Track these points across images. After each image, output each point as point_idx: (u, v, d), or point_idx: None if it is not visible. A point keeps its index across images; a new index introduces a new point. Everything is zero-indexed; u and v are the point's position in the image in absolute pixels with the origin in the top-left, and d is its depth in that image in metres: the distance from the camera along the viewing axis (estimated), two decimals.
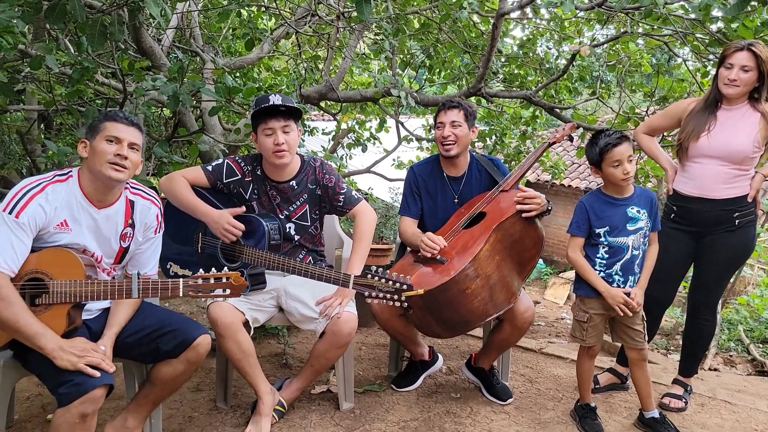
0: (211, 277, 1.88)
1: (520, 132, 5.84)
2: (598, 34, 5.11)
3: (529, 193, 2.49)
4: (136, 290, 1.85)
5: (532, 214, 2.46)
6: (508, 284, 2.47)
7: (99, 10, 2.71)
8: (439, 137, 2.69)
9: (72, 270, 1.87)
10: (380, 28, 4.48)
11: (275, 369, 3.08)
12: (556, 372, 3.20)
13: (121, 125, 1.94)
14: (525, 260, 2.54)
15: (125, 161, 1.91)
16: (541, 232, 2.54)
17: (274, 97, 2.38)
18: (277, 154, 2.38)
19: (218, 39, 5.13)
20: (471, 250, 2.38)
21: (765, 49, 2.42)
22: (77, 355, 1.76)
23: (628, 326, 2.47)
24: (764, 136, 2.47)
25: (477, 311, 2.39)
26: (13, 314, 1.77)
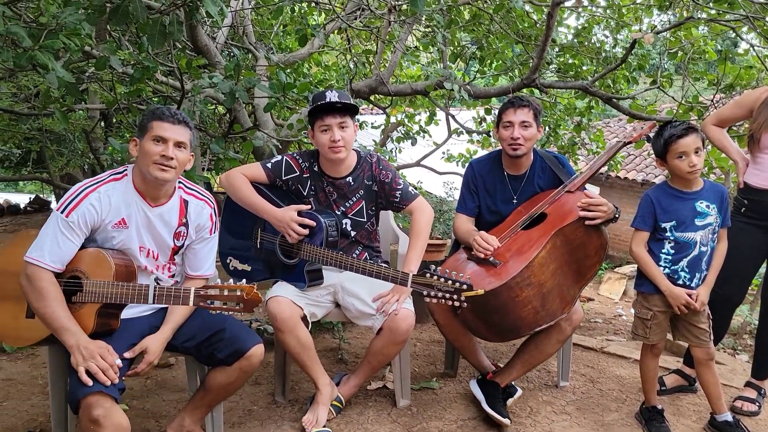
0: (225, 289, 1.84)
1: (574, 123, 5.68)
2: (656, 21, 4.93)
3: (595, 199, 2.35)
4: (151, 296, 1.88)
5: (596, 222, 2.34)
6: (564, 293, 2.35)
7: (158, 11, 2.77)
8: (506, 137, 2.53)
9: (103, 271, 1.91)
10: (431, 20, 4.43)
11: (331, 364, 3.09)
12: (619, 372, 3.11)
13: (167, 124, 1.94)
14: (585, 268, 2.41)
15: (171, 161, 1.93)
16: (605, 239, 2.40)
17: (330, 93, 2.38)
18: (334, 149, 2.38)
19: (269, 36, 5.18)
20: (526, 255, 2.27)
21: None
22: (84, 356, 1.76)
23: (692, 324, 2.38)
24: None
25: (527, 319, 2.29)
26: (42, 306, 1.83)
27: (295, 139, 4.08)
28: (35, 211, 9.59)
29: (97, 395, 1.72)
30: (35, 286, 1.84)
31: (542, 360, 2.61)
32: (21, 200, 10.95)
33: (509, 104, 2.55)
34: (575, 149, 5.84)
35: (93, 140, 4.18)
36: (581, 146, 5.97)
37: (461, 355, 2.81)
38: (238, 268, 2.58)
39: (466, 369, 3.04)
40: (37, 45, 2.31)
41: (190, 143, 2.01)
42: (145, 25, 2.58)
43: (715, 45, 4.86)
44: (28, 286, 1.86)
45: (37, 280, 1.84)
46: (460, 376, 2.98)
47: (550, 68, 5.40)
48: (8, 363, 3.03)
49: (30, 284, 1.85)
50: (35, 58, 2.29)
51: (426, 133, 6.08)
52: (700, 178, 2.36)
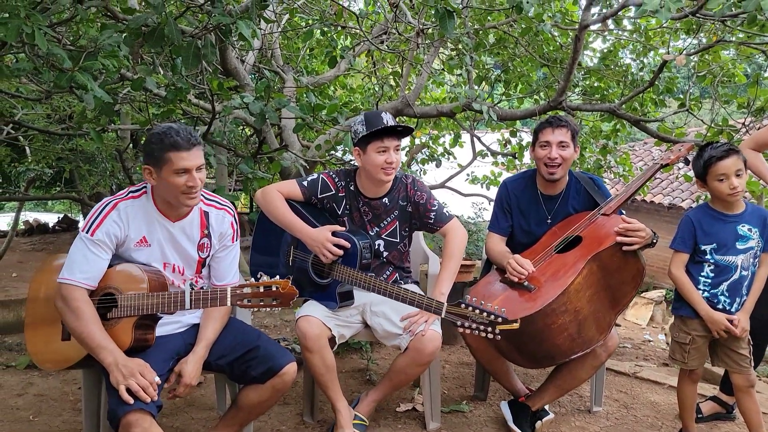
0: (261, 285, 1.84)
1: (600, 146, 5.65)
2: (683, 44, 4.90)
3: (633, 225, 2.29)
4: (188, 301, 1.87)
5: (633, 248, 2.28)
6: (599, 320, 2.29)
7: (192, 35, 2.83)
8: (543, 157, 2.50)
9: (136, 284, 1.91)
10: (459, 43, 4.46)
11: (358, 385, 3.06)
12: (653, 398, 3.03)
13: (184, 152, 1.90)
14: (621, 294, 2.35)
15: (196, 188, 1.95)
16: (642, 265, 2.33)
17: (386, 115, 2.39)
18: (386, 171, 2.39)
19: (296, 59, 5.26)
20: (562, 281, 2.22)
21: None
22: (124, 375, 1.76)
23: (731, 350, 2.32)
24: None
25: (562, 347, 2.24)
26: (79, 326, 1.83)
27: (321, 160, 4.11)
28: (63, 231, 9.75)
29: (137, 413, 1.72)
30: (71, 306, 1.85)
31: (576, 385, 2.56)
32: (50, 219, 11.16)
33: (547, 124, 2.52)
34: (601, 172, 5.79)
35: (125, 159, 4.25)
36: (607, 169, 5.92)
37: (493, 378, 2.76)
38: None
39: (497, 392, 2.99)
40: (76, 66, 2.37)
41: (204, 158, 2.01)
42: (179, 47, 2.64)
43: (744, 68, 4.83)
44: (64, 307, 1.86)
45: (72, 300, 1.85)
46: (491, 399, 2.93)
47: (576, 91, 5.40)
48: (40, 379, 3.05)
49: (65, 305, 1.86)
50: (75, 79, 2.35)
51: (450, 155, 6.09)
52: (743, 201, 2.32)
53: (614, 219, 2.37)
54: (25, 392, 2.90)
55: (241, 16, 2.71)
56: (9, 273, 8.41)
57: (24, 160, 7.06)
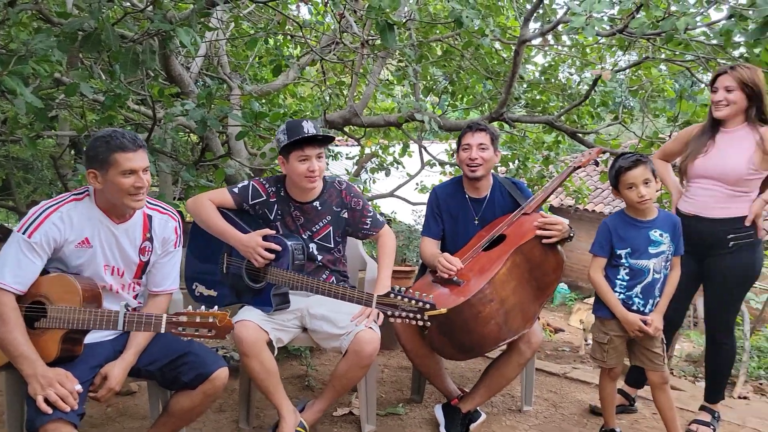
0: (197, 315, 1.83)
1: (543, 157, 5.84)
2: (619, 60, 5.13)
3: (550, 218, 2.47)
4: (121, 323, 1.86)
5: (552, 241, 2.44)
6: (525, 309, 2.44)
7: (131, 40, 2.82)
8: (465, 159, 2.68)
9: (69, 296, 1.89)
10: (403, 55, 4.56)
11: (297, 391, 3.09)
12: (581, 397, 3.16)
13: (131, 153, 1.92)
14: (543, 285, 2.50)
15: (143, 189, 1.96)
16: (561, 257, 2.50)
17: (307, 124, 2.43)
18: (309, 178, 2.44)
19: (244, 67, 5.27)
20: (488, 273, 2.36)
21: (747, 71, 2.50)
22: (42, 385, 1.75)
23: (647, 349, 2.45)
24: (761, 158, 2.49)
25: (491, 335, 2.36)
26: (3, 332, 1.81)
27: (267, 167, 4.12)
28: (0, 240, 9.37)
29: (56, 422, 1.71)
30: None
31: (504, 384, 2.66)
32: None
33: (467, 129, 2.72)
34: (544, 182, 5.97)
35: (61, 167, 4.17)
36: (549, 179, 6.11)
37: (427, 379, 2.83)
38: (204, 293, 2.58)
39: (433, 395, 3.06)
40: (5, 70, 2.34)
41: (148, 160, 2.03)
42: (117, 53, 2.63)
43: (674, 84, 5.09)
44: None
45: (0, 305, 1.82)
46: (426, 401, 3.00)
47: (519, 103, 5.57)
48: None
49: None
50: (4, 83, 2.32)
51: (399, 164, 6.18)
52: (655, 207, 2.46)
53: (534, 216, 2.54)
54: None
55: (181, 24, 2.73)
56: None
57: None
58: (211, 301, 2.53)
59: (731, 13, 2.90)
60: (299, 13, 5.41)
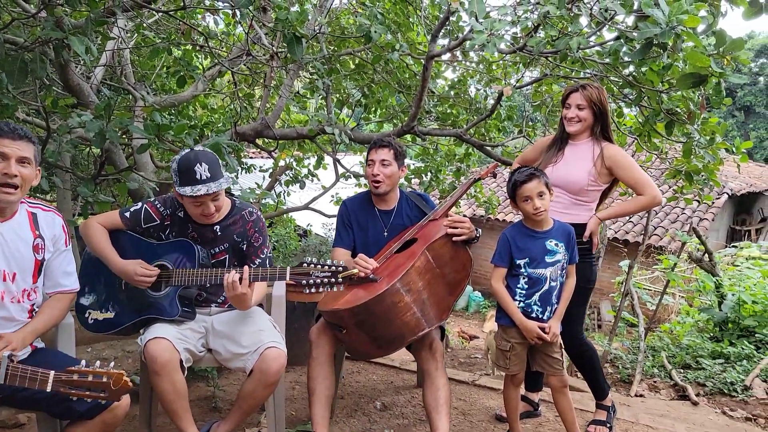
0: (90, 374, 1.72)
1: (455, 168, 6.00)
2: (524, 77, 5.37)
3: (457, 217, 2.58)
4: (2, 375, 1.71)
5: (461, 238, 2.54)
6: (439, 302, 2.52)
7: (21, 47, 2.66)
8: (369, 174, 2.76)
9: None
10: (314, 68, 4.56)
11: (204, 413, 2.98)
12: (489, 403, 3.24)
13: (7, 140, 1.84)
14: (455, 282, 2.57)
15: (14, 179, 1.85)
16: (469, 254, 2.59)
17: (200, 168, 2.28)
18: (205, 218, 2.41)
19: (151, 77, 5.09)
20: (403, 266, 2.44)
21: (596, 90, 2.75)
22: None
23: (546, 354, 2.56)
24: (600, 171, 2.71)
25: (410, 324, 2.41)
26: None
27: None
28: None
29: None
30: None
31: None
32: None
33: (372, 144, 2.79)
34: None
35: None
36: None
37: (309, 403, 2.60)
38: (99, 318, 2.44)
39: (344, 410, 3.05)
40: None
41: (35, 159, 1.93)
42: (4, 61, 2.48)
43: None
44: None
45: None
46: (337, 417, 2.98)
47: (431, 117, 5.71)
48: None
49: None
50: None
51: (314, 176, 6.15)
52: (551, 218, 2.58)
53: (442, 220, 2.63)
54: None
55: (75, 32, 2.60)
56: None
57: None
58: (110, 324, 2.41)
59: (618, 35, 3.11)
60: (207, 23, 5.29)
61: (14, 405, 1.93)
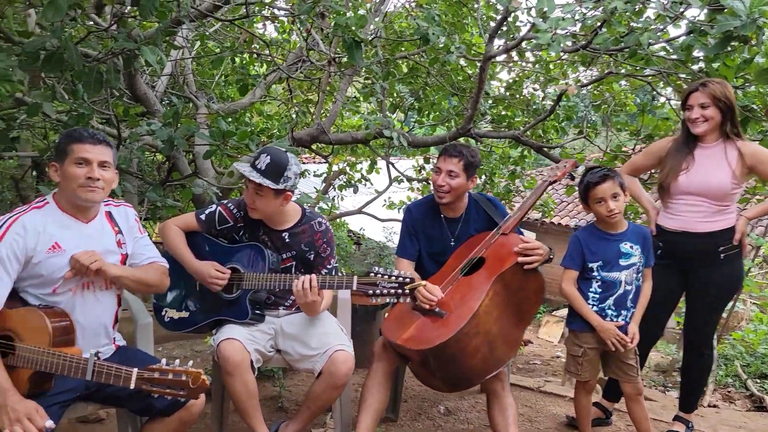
0: (170, 372, 1.74)
1: (509, 171, 5.92)
2: (582, 76, 5.26)
3: (530, 243, 2.40)
4: (90, 371, 1.78)
5: (533, 266, 2.38)
6: (508, 337, 2.37)
7: (95, 59, 2.77)
8: (434, 182, 2.59)
9: (39, 335, 1.81)
10: (370, 72, 4.58)
11: (270, 413, 3.02)
12: (556, 410, 3.17)
13: (88, 145, 1.91)
14: (525, 310, 2.43)
15: (97, 182, 1.92)
16: (542, 280, 2.43)
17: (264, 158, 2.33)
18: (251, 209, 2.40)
19: (211, 85, 5.22)
20: (470, 305, 2.27)
21: (718, 86, 2.51)
22: (11, 419, 1.68)
23: (621, 361, 2.48)
24: (742, 172, 2.53)
25: (477, 368, 2.29)
26: None
27: (235, 186, 4.07)
28: None
29: None
30: None
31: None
32: None
33: (444, 151, 2.61)
34: (510, 196, 6.06)
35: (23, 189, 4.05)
36: (516, 193, 6.20)
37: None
38: (175, 317, 2.52)
39: (407, 413, 3.04)
40: None
41: (113, 162, 2.00)
42: (80, 72, 2.57)
43: (635, 98, 5.23)
44: None
45: None
46: (402, 420, 2.97)
47: (485, 119, 5.65)
48: None
49: None
50: None
51: (367, 181, 6.18)
52: (625, 220, 2.50)
53: (513, 238, 2.47)
54: None
55: (146, 42, 2.69)
56: None
57: None
58: (185, 323, 2.48)
59: (691, 29, 3.00)
60: (265, 31, 5.39)
61: (98, 401, 2.00)
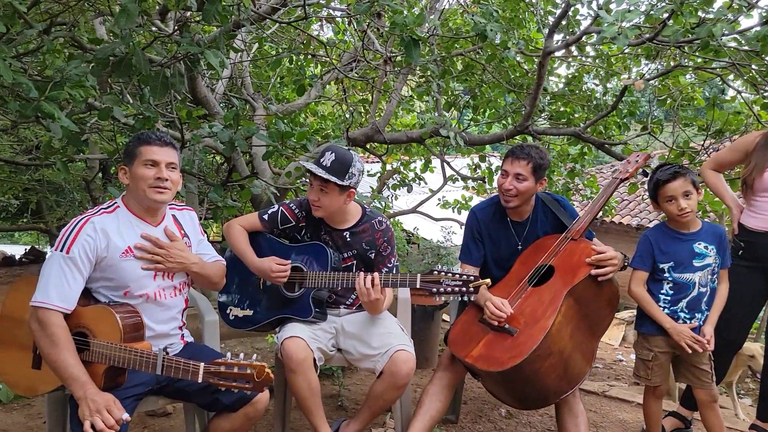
0: (235, 366, 1.77)
1: (568, 169, 5.77)
2: (644, 70, 5.07)
3: (604, 254, 2.25)
4: (160, 366, 1.82)
5: (607, 277, 2.25)
6: (584, 351, 2.26)
7: (160, 64, 2.85)
8: (500, 185, 2.47)
9: (110, 332, 1.86)
10: (426, 71, 4.55)
11: (330, 411, 3.04)
12: (622, 416, 3.06)
13: (155, 147, 1.96)
14: (599, 321, 2.32)
15: (166, 182, 1.96)
16: (616, 288, 2.30)
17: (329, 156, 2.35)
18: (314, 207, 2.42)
19: (267, 87, 5.30)
20: (542, 323, 2.17)
21: None
22: (91, 410, 1.73)
23: (694, 366, 2.37)
24: None
25: (553, 387, 2.20)
26: (53, 353, 1.79)
27: (292, 186, 4.12)
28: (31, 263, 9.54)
29: None
30: (47, 332, 1.80)
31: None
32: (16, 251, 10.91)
33: (510, 153, 2.49)
34: (569, 195, 5.91)
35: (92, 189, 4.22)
36: (575, 191, 6.05)
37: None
38: (239, 315, 2.57)
39: (468, 415, 3.00)
40: (42, 96, 2.37)
41: (179, 163, 2.04)
42: (147, 77, 2.65)
43: (702, 92, 5.00)
44: (40, 332, 1.81)
45: (49, 326, 1.80)
46: (462, 422, 2.93)
47: (543, 116, 5.52)
48: (2, 414, 2.96)
49: (41, 329, 1.81)
50: (41, 108, 2.34)
51: (422, 180, 6.15)
52: (698, 219, 2.39)
53: (583, 245, 2.34)
54: None
55: (209, 46, 2.74)
56: None
57: None
58: (248, 321, 2.53)
59: (766, 19, 2.84)
60: (321, 32, 5.44)
61: (168, 395, 2.05)
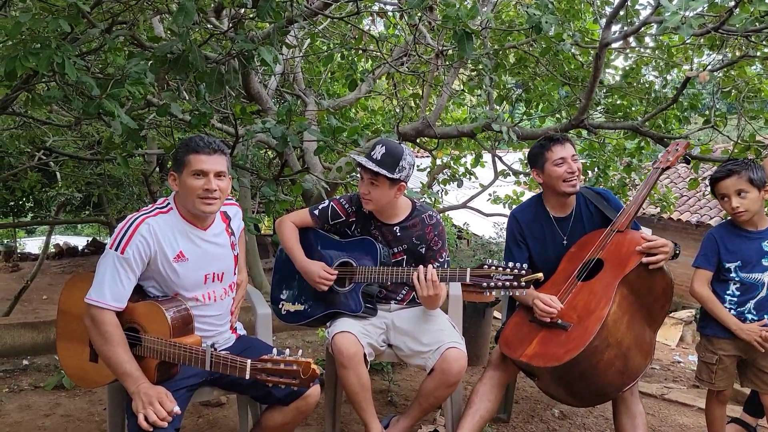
0: (282, 362, 1.77)
1: (624, 164, 5.59)
2: (706, 61, 4.86)
3: (654, 242, 2.20)
4: (208, 362, 1.85)
5: (659, 265, 2.19)
6: (642, 344, 2.19)
7: (215, 61, 2.90)
8: (562, 174, 2.40)
9: (160, 327, 1.90)
10: (477, 64, 4.48)
11: (380, 406, 3.05)
12: (682, 421, 2.96)
13: (204, 156, 1.95)
14: (655, 311, 2.25)
15: (214, 193, 1.96)
16: (669, 278, 2.23)
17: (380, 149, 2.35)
18: (364, 201, 2.43)
19: (317, 82, 5.34)
20: (596, 314, 2.11)
21: None
22: (143, 403, 1.77)
23: (761, 370, 2.26)
24: None
25: (613, 382, 2.13)
26: (107, 350, 1.84)
27: (342, 182, 4.14)
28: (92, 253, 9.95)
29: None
30: (100, 330, 1.86)
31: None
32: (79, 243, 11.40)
33: (555, 141, 2.45)
34: (626, 190, 5.72)
35: (150, 183, 4.36)
36: (632, 187, 5.86)
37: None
38: (291, 310, 2.59)
39: (520, 414, 2.95)
40: (104, 94, 2.44)
41: (228, 170, 2.04)
42: (203, 73, 2.71)
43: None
44: (93, 329, 1.87)
45: (101, 324, 1.86)
46: (513, 421, 2.89)
47: (598, 109, 5.37)
48: (67, 399, 3.10)
49: (94, 327, 1.87)
50: (102, 106, 2.42)
51: (472, 175, 6.08)
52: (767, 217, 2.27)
53: (631, 235, 2.29)
54: (53, 413, 2.95)
55: (263, 42, 2.78)
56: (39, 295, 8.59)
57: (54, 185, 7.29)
58: (300, 315, 2.55)
59: None
60: (372, 27, 5.44)
61: (223, 387, 2.10)
